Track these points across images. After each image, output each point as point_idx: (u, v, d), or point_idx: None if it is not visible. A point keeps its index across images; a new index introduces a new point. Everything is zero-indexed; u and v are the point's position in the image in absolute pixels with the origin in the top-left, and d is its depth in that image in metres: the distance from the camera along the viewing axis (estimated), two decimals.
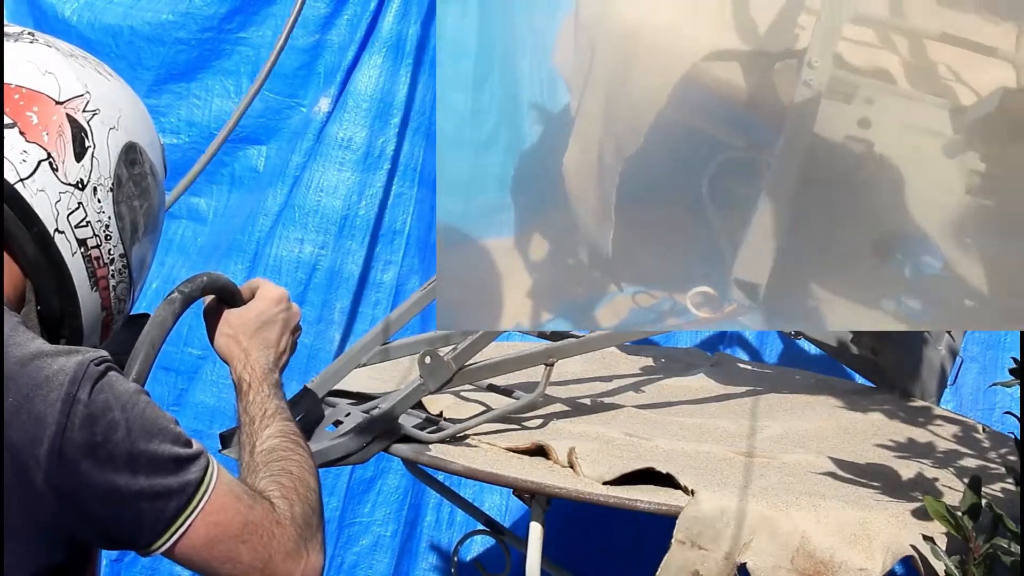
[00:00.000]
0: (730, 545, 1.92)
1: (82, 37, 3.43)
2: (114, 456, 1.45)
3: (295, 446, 1.68)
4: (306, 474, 1.64)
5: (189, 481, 1.49)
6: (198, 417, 3.23)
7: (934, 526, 1.92)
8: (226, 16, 3.40)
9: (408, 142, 3.39)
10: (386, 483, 3.27)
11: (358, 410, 2.24)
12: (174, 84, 3.42)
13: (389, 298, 3.34)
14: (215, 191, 3.43)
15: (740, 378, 2.73)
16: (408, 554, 3.28)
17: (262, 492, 1.58)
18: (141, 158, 1.62)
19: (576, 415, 2.38)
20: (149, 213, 1.64)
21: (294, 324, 1.87)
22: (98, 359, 1.47)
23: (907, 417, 2.55)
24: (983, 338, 3.34)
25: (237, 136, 3.37)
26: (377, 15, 3.38)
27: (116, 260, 1.60)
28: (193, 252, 3.40)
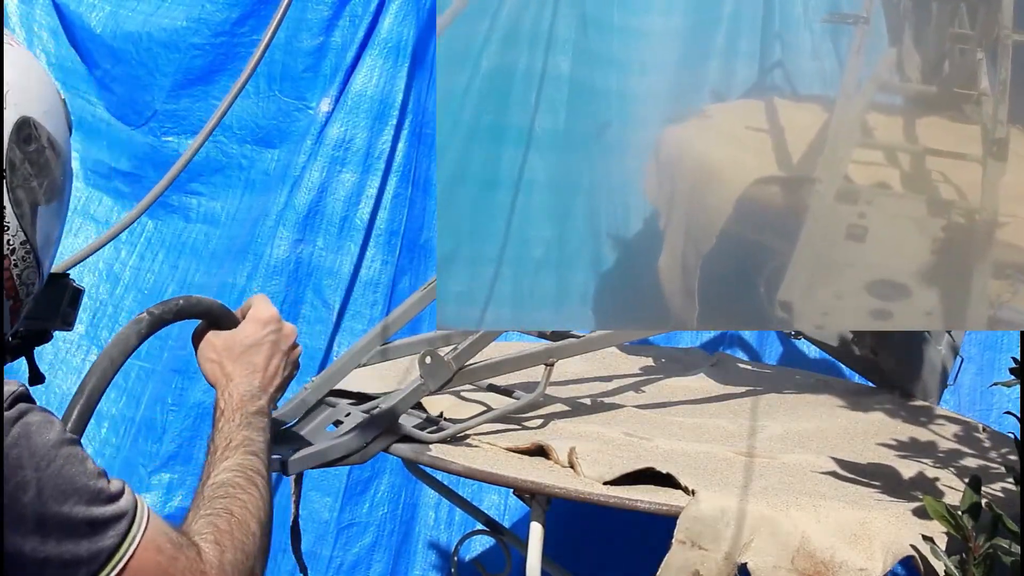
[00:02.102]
0: (730, 545, 1.92)
1: (106, 45, 3.46)
2: (23, 519, 1.33)
3: (247, 484, 1.59)
4: (248, 517, 1.55)
5: (102, 548, 1.37)
6: (198, 417, 3.23)
7: (934, 526, 1.92)
8: (238, 20, 3.42)
9: (405, 143, 3.40)
10: (385, 483, 3.27)
11: (358, 410, 2.24)
12: (192, 88, 3.44)
13: (386, 298, 3.34)
14: (230, 194, 3.44)
15: (740, 378, 2.73)
16: (407, 554, 3.28)
17: (193, 536, 1.49)
18: (36, 132, 1.48)
19: (576, 415, 2.38)
20: (51, 187, 1.50)
21: (288, 345, 1.80)
22: (13, 396, 1.35)
23: (907, 417, 2.55)
24: (981, 339, 3.34)
25: (252, 138, 3.40)
26: (377, 16, 3.39)
27: (18, 248, 1.47)
28: (206, 255, 3.41)
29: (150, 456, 3.25)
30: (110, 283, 3.45)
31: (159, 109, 3.46)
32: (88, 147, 3.51)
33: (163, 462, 3.24)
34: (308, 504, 3.23)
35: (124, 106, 3.49)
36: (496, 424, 2.27)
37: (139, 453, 3.26)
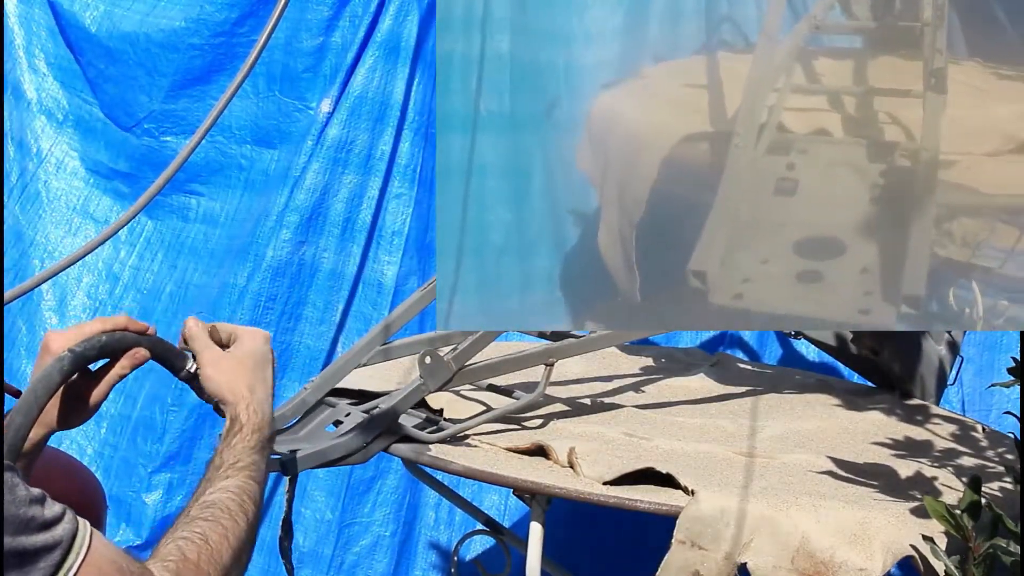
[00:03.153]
0: (730, 545, 1.93)
1: (102, 46, 3.46)
2: None
3: (238, 511, 1.52)
4: (224, 547, 1.47)
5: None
6: (199, 417, 3.24)
7: (934, 526, 1.92)
8: (237, 20, 3.42)
9: (407, 143, 3.40)
10: (386, 483, 3.28)
11: (358, 410, 2.24)
12: (191, 89, 3.44)
13: (388, 299, 3.35)
14: (230, 195, 3.44)
15: (740, 378, 2.73)
16: (408, 554, 3.28)
17: (154, 562, 1.42)
18: None
19: (576, 415, 2.38)
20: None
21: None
22: None
23: (907, 417, 2.55)
24: (980, 339, 3.34)
25: (252, 139, 3.40)
26: (377, 16, 3.39)
27: None
28: (205, 255, 3.41)
29: (150, 456, 3.25)
30: (109, 283, 3.45)
31: (157, 109, 3.46)
32: (87, 147, 3.51)
33: (163, 462, 3.24)
34: (309, 503, 3.23)
35: (115, 107, 3.49)
36: (496, 424, 2.27)
37: (139, 453, 3.27)
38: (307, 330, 3.30)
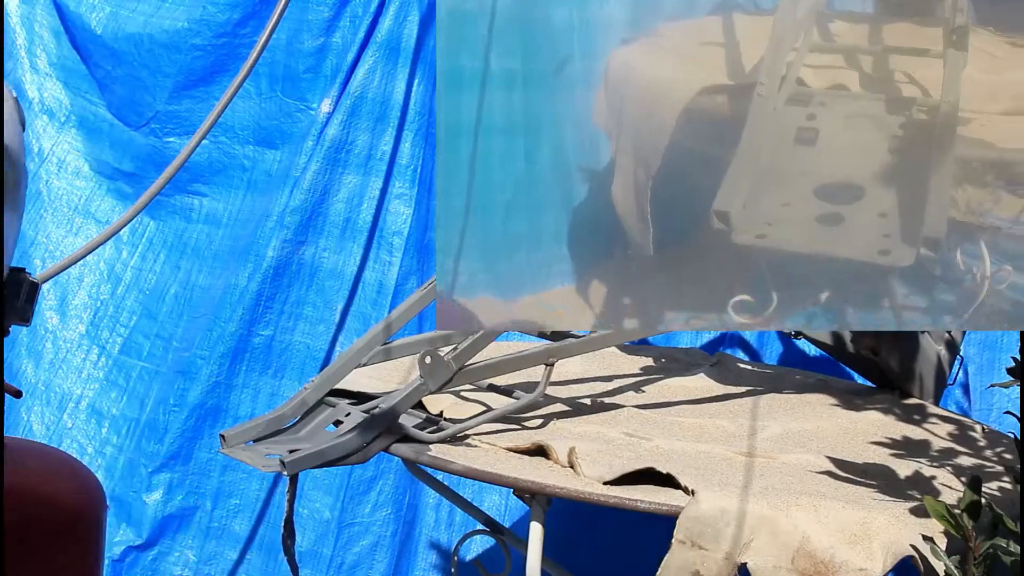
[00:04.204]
0: (730, 545, 1.93)
1: (107, 47, 3.46)
2: None
3: None
4: None
5: None
6: (200, 418, 3.24)
7: (934, 525, 1.92)
8: (240, 21, 3.42)
9: (407, 143, 3.40)
10: (386, 483, 3.28)
11: (358, 410, 2.24)
12: (194, 90, 3.44)
13: (388, 299, 3.35)
14: (232, 195, 3.45)
15: (740, 378, 2.73)
16: (408, 554, 3.28)
17: None
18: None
19: (576, 415, 2.38)
20: (12, 194, 1.40)
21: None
22: None
23: (907, 417, 2.55)
24: (980, 339, 3.35)
25: (255, 139, 3.40)
26: (377, 16, 3.39)
27: None
28: (208, 256, 3.41)
29: (151, 456, 3.25)
30: (111, 283, 3.45)
31: (160, 110, 3.46)
32: (91, 147, 3.51)
33: (164, 462, 3.25)
34: (309, 503, 3.23)
35: (125, 107, 3.50)
36: (496, 424, 2.27)
37: (140, 453, 3.27)
38: (307, 330, 3.31)
